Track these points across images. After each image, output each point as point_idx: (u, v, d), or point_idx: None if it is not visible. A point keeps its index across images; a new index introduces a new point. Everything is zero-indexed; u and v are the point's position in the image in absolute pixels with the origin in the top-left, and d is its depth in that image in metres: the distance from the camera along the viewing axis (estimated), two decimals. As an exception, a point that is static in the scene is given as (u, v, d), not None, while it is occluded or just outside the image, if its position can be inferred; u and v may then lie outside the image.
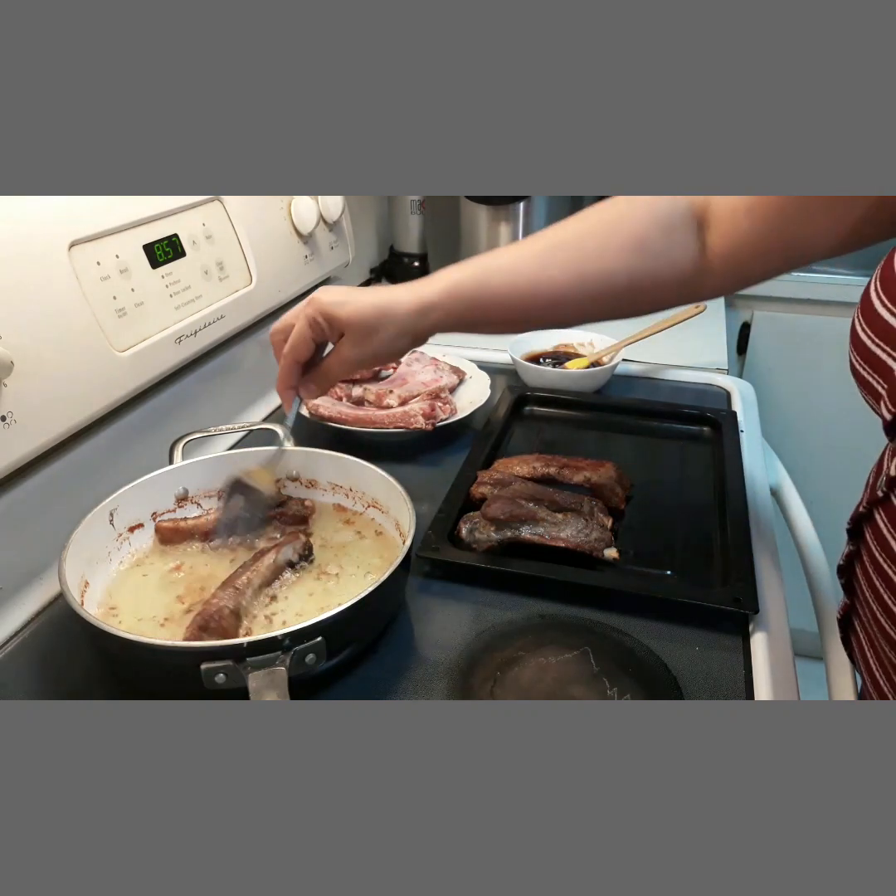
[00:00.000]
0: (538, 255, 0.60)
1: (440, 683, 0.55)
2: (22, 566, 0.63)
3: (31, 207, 0.61)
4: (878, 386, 0.47)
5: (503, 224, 1.17)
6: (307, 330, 0.60)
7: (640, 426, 0.90)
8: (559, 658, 0.57)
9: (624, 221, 0.60)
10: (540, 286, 0.59)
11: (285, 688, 0.47)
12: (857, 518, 0.52)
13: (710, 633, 0.60)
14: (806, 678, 0.59)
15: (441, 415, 0.87)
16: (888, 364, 0.46)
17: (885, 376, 0.46)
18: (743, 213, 0.58)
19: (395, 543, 0.64)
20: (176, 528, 0.65)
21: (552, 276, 0.59)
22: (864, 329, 0.48)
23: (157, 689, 0.51)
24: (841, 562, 0.56)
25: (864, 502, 0.51)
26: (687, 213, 0.60)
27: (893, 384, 0.45)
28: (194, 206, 0.80)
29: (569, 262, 0.59)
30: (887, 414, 0.45)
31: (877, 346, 0.47)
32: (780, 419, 1.59)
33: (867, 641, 0.54)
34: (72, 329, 0.63)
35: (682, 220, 0.60)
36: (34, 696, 0.55)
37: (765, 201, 0.57)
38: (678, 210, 0.60)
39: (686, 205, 0.60)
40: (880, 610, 0.49)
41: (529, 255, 0.60)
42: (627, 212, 0.61)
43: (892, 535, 0.47)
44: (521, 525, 0.67)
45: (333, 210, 1.03)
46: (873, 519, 0.50)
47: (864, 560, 0.52)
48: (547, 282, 0.59)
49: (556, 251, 0.60)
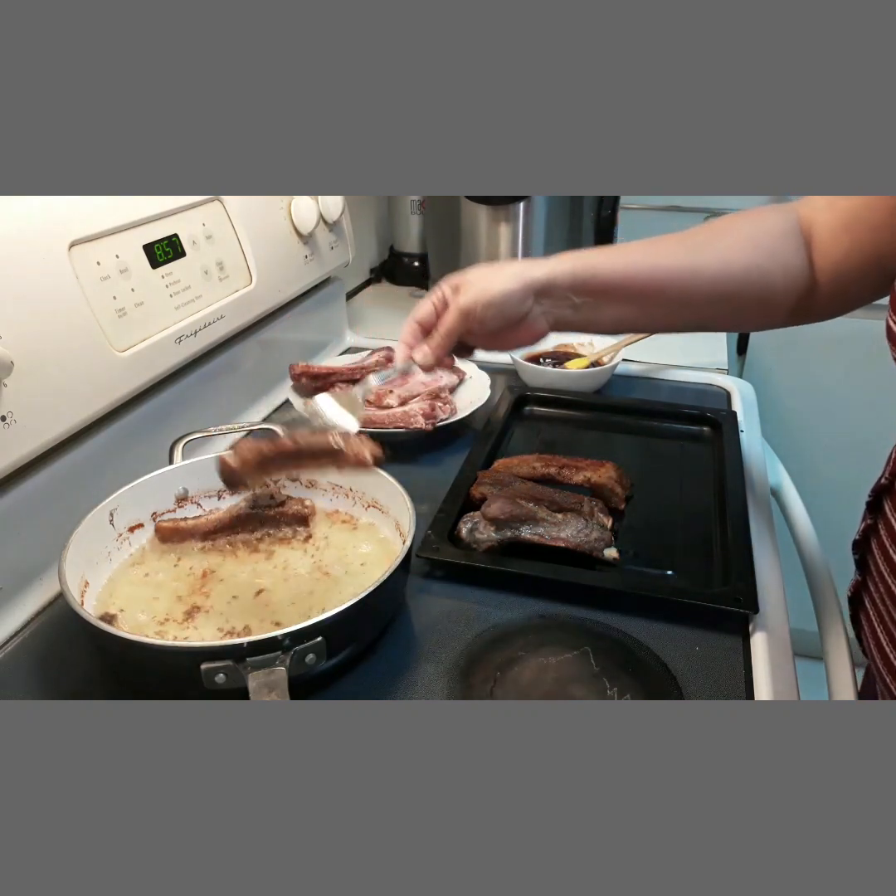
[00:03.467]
0: (652, 244, 0.63)
1: (440, 683, 0.55)
2: (22, 566, 0.63)
3: (31, 207, 0.61)
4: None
5: (503, 224, 1.17)
6: (432, 299, 0.63)
7: (640, 426, 0.90)
8: (559, 658, 0.57)
9: (737, 223, 0.63)
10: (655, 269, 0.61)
11: (285, 688, 0.47)
12: (878, 490, 0.53)
13: (710, 633, 0.60)
14: (806, 678, 0.59)
15: (441, 415, 0.87)
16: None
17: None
18: (841, 231, 0.60)
19: (394, 543, 0.64)
20: (176, 527, 0.65)
21: (666, 261, 0.61)
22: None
23: (157, 689, 0.51)
24: (857, 536, 0.56)
25: (886, 474, 0.52)
26: (796, 226, 0.62)
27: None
28: (194, 206, 0.79)
29: (682, 251, 0.61)
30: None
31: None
32: (780, 419, 1.59)
33: (878, 617, 0.54)
34: (72, 329, 0.62)
35: (794, 231, 0.62)
36: (34, 696, 0.55)
37: (859, 216, 0.58)
38: (789, 222, 0.62)
39: (795, 219, 0.62)
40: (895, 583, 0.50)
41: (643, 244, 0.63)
42: (739, 218, 0.63)
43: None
44: (521, 525, 0.67)
45: (333, 210, 1.03)
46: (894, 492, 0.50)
47: (881, 534, 0.52)
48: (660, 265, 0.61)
49: (670, 242, 0.62)
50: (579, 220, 1.18)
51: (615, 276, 0.61)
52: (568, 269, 0.60)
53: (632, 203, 2.01)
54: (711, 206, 1.92)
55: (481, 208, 1.17)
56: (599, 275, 0.61)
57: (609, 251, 0.63)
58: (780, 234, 0.61)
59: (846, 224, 0.59)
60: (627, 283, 0.61)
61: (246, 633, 0.56)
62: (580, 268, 0.60)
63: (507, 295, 0.60)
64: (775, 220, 0.62)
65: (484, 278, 0.60)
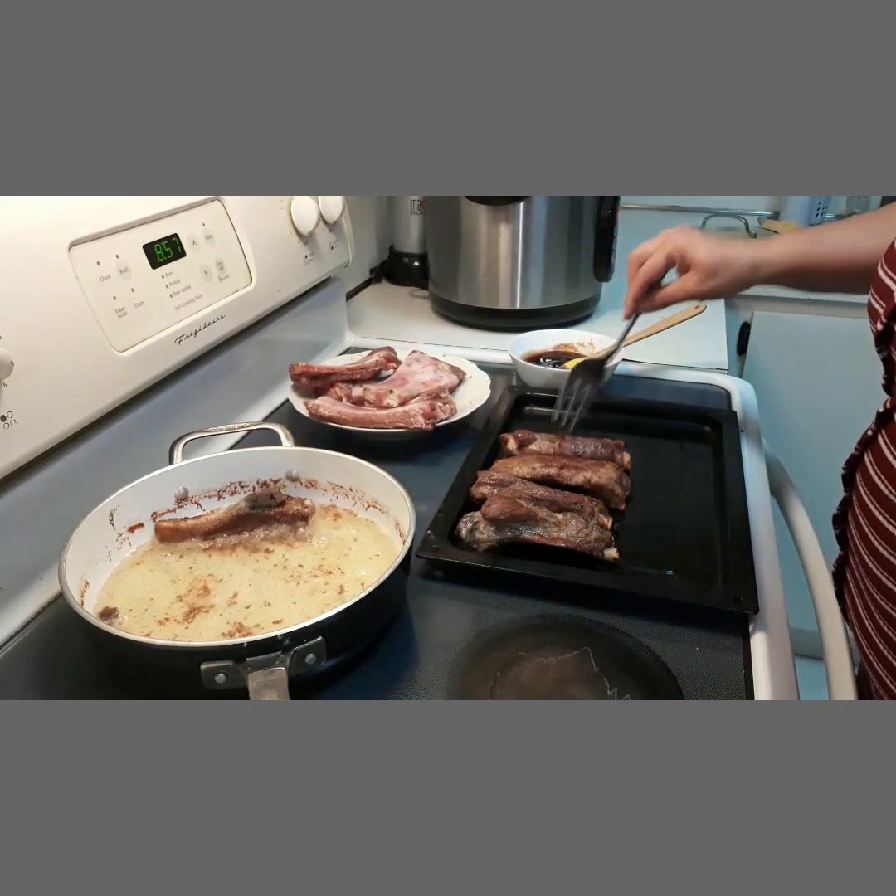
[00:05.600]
0: (861, 226, 0.72)
1: (440, 683, 0.55)
2: (22, 566, 0.63)
3: (31, 207, 0.61)
4: (879, 307, 0.53)
5: (503, 224, 1.17)
6: (663, 261, 0.78)
7: (640, 426, 0.90)
8: (559, 658, 0.57)
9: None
10: (861, 252, 0.69)
11: (285, 688, 0.47)
12: (850, 462, 0.54)
13: (710, 633, 0.60)
14: (806, 678, 0.59)
15: (441, 415, 0.87)
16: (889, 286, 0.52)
17: (886, 297, 0.52)
18: None
19: (394, 543, 0.64)
20: (176, 528, 0.65)
21: (872, 243, 0.68)
22: (883, 267, 0.55)
23: (157, 689, 0.51)
24: (836, 510, 0.57)
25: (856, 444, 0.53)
26: None
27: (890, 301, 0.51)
28: (194, 206, 0.80)
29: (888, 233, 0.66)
30: (880, 326, 0.51)
31: (886, 274, 0.54)
32: (780, 419, 1.59)
33: (857, 590, 0.55)
34: (72, 329, 0.62)
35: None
36: (34, 696, 0.55)
37: None
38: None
39: None
40: (868, 554, 0.51)
41: (853, 227, 0.72)
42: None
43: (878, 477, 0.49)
44: (521, 525, 0.67)
45: (333, 210, 1.03)
46: (863, 462, 0.51)
47: (854, 506, 0.53)
48: (868, 248, 0.68)
49: (879, 223, 0.70)
50: (579, 220, 1.18)
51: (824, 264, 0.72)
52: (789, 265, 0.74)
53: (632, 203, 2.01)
54: (711, 207, 1.93)
55: (481, 208, 1.17)
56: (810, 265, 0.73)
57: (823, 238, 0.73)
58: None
59: None
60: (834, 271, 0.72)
61: (246, 633, 0.56)
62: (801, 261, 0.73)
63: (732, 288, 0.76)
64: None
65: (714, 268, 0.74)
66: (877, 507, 0.50)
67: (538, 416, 0.95)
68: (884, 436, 0.50)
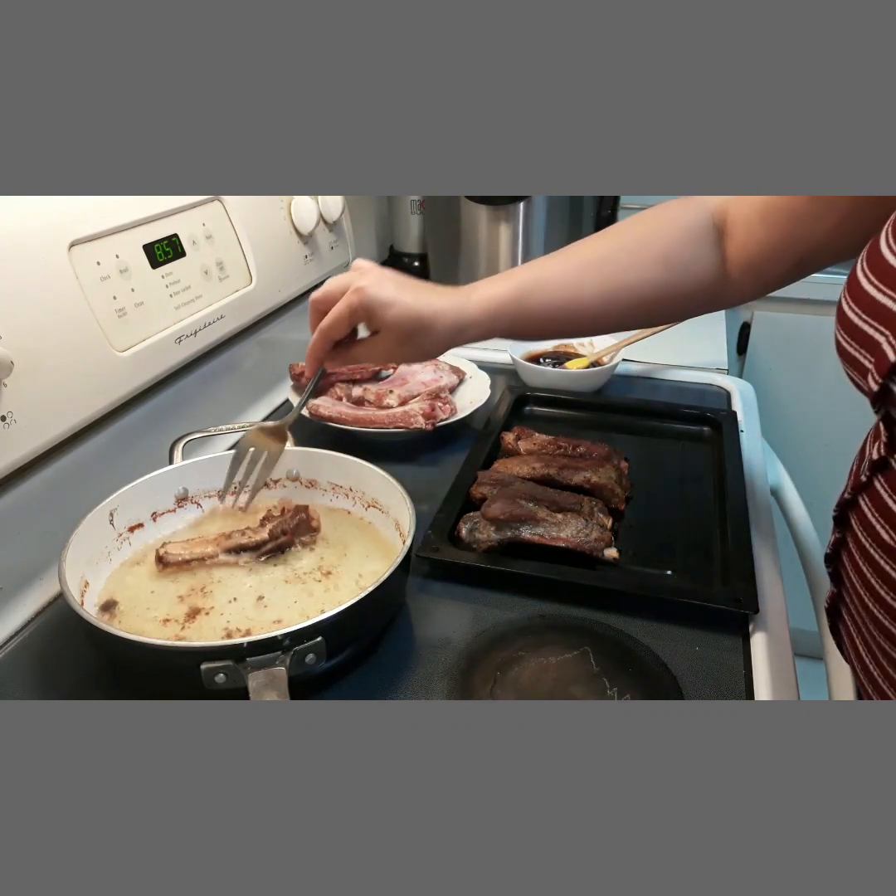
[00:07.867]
0: (573, 272, 0.63)
1: (440, 683, 0.55)
2: (22, 566, 0.63)
3: (31, 207, 0.61)
4: (865, 360, 0.47)
5: (503, 224, 1.17)
6: (347, 315, 0.61)
7: (640, 426, 0.90)
8: (559, 658, 0.57)
9: (652, 237, 0.63)
10: (574, 303, 0.63)
11: (285, 688, 0.47)
12: (842, 504, 0.53)
13: (710, 633, 0.60)
14: (806, 678, 0.59)
15: (441, 415, 0.87)
16: (875, 338, 0.45)
17: (873, 350, 0.46)
18: (758, 222, 0.60)
19: (394, 543, 0.64)
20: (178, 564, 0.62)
21: (587, 293, 0.62)
22: (851, 307, 0.48)
23: (157, 689, 0.51)
24: (828, 550, 0.56)
25: (848, 489, 0.52)
26: (709, 224, 0.63)
27: (880, 357, 0.44)
28: (194, 206, 0.80)
29: (602, 279, 0.63)
30: (874, 385, 0.45)
31: (864, 321, 0.47)
32: (780, 419, 1.59)
33: (855, 629, 0.54)
34: (72, 329, 0.62)
35: (706, 233, 0.63)
36: (34, 696, 0.55)
37: (776, 206, 0.59)
38: (700, 222, 0.63)
39: (708, 217, 0.63)
40: (868, 596, 0.49)
41: (565, 272, 0.63)
42: (655, 227, 0.64)
43: (877, 521, 0.47)
44: (521, 525, 0.67)
45: (333, 210, 1.03)
46: (858, 505, 0.50)
47: (850, 548, 0.52)
48: (581, 299, 0.63)
49: (591, 269, 0.63)
50: (579, 220, 1.18)
51: (540, 320, 0.63)
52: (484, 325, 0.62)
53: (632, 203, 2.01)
54: (711, 206, 1.92)
55: (481, 208, 1.17)
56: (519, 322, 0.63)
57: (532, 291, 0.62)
58: (694, 241, 0.63)
59: (763, 214, 0.60)
60: (550, 325, 0.64)
61: (246, 633, 0.56)
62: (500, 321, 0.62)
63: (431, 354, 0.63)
64: (688, 222, 0.63)
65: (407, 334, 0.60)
66: (878, 552, 0.48)
67: (538, 416, 0.95)
68: (882, 483, 0.48)
